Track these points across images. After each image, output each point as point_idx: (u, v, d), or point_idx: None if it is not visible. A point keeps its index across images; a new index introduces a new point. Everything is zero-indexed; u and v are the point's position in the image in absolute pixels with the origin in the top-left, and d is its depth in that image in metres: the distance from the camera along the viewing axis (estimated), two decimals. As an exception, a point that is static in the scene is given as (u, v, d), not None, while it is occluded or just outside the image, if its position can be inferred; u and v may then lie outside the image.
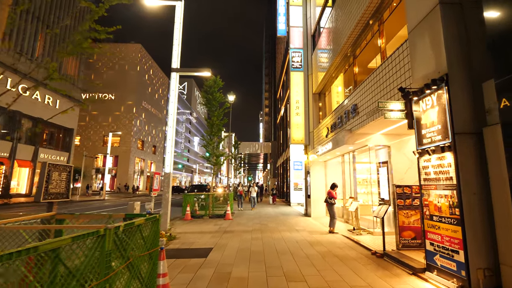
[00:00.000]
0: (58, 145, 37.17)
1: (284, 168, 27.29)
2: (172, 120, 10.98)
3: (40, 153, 33.26)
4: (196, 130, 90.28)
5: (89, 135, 50.93)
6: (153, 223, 3.74)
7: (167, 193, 10.52)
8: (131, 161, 49.99)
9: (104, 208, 19.64)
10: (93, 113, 51.39)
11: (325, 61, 12.77)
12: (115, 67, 51.96)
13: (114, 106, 50.62)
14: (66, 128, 37.83)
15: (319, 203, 13.67)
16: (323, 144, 11.70)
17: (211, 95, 15.33)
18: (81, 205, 22.66)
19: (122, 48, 52.23)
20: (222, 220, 13.09)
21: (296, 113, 14.77)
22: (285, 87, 26.53)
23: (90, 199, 31.99)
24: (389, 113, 5.70)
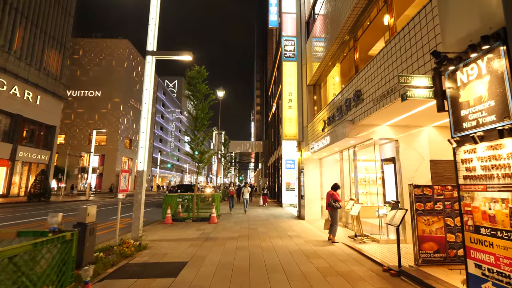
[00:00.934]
0: (39, 143, 34.95)
1: (276, 167, 25.91)
2: (147, 111, 9.45)
3: (19, 151, 31.09)
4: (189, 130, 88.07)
5: (74, 133, 48.69)
6: (62, 247, 2.24)
7: (140, 194, 8.99)
8: (118, 160, 47.93)
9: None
10: (78, 111, 49.16)
11: (321, 49, 11.41)
12: (101, 63, 49.79)
13: (100, 103, 48.49)
14: (48, 125, 35.65)
15: (313, 205, 12.31)
16: (319, 139, 10.33)
17: (194, 87, 13.81)
18: (56, 207, 20.79)
19: (109, 43, 50.13)
20: (206, 224, 11.60)
21: (288, 107, 13.38)
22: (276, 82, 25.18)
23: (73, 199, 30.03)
24: (413, 91, 4.33)
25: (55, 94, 36.41)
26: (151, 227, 11.21)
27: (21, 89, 31.01)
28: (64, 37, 38.18)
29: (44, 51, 34.66)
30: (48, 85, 35.36)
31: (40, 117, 34.13)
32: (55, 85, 36.54)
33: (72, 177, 45.41)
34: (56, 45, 36.79)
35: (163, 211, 12.51)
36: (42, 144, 35.27)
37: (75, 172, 38.69)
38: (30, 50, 32.57)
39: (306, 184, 12.36)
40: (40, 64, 34.02)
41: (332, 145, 9.07)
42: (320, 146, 10.13)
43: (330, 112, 9.90)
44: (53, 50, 36.19)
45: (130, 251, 6.90)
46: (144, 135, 9.30)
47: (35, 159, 33.56)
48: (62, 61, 37.86)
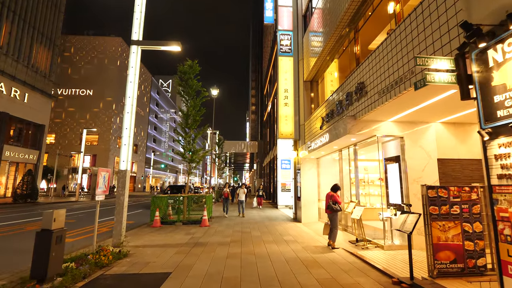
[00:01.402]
0: (27, 142, 33.72)
1: (271, 167, 25.26)
2: (131, 105, 8.71)
3: (5, 151, 29.87)
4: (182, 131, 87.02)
5: (65, 133, 47.49)
6: None
7: (122, 196, 8.23)
8: (110, 161, 46.82)
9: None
10: (69, 110, 47.94)
11: (318, 43, 10.78)
12: (93, 61, 48.65)
13: (92, 102, 47.36)
14: (36, 124, 34.47)
15: (310, 207, 11.66)
16: (317, 137, 9.68)
17: (186, 82, 13.09)
18: (41, 209, 19.80)
19: (101, 41, 49.02)
20: (197, 227, 10.88)
21: (284, 104, 12.72)
22: (272, 81, 24.54)
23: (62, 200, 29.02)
24: (433, 75, 3.68)
25: (44, 92, 35.27)
26: (137, 230, 10.44)
27: (8, 86, 29.84)
28: (54, 33, 37.02)
29: (33, 47, 33.49)
30: (37, 82, 34.22)
31: (28, 115, 32.99)
32: (44, 83, 35.40)
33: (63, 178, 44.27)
34: (45, 41, 35.65)
35: (151, 214, 11.76)
36: (30, 143, 34.07)
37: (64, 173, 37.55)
38: (18, 45, 31.38)
39: (302, 185, 11.71)
40: (28, 61, 32.83)
41: (332, 143, 8.42)
42: (318, 145, 9.48)
43: (328, 108, 9.26)
44: (42, 46, 35.04)
45: (108, 260, 6.15)
46: (127, 132, 8.55)
47: (23, 159, 32.36)
48: (52, 58, 36.70)
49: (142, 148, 59.20)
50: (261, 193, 19.00)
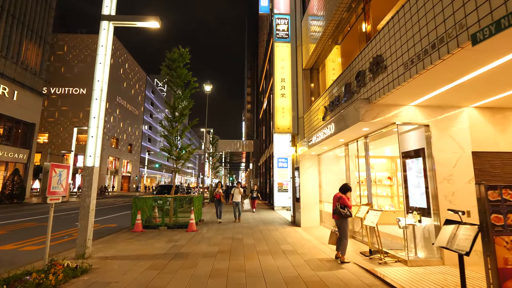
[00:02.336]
0: (16, 141, 31.97)
1: (267, 166, 23.79)
2: (100, 90, 7.20)
3: (-6, 149, 28.21)
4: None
5: (58, 132, 45.66)
6: None
7: (88, 198, 6.71)
8: (104, 160, 45.05)
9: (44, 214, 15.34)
10: (62, 108, 46.15)
11: (319, 28, 9.34)
12: (86, 59, 46.90)
13: (85, 101, 45.56)
14: (26, 123, 32.74)
15: (311, 209, 10.19)
16: (319, 130, 8.22)
17: (174, 71, 11.59)
18: (26, 209, 18.03)
19: (94, 39, 47.24)
20: (183, 233, 9.38)
21: (281, 95, 11.25)
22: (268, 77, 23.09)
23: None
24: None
25: (34, 90, 33.52)
26: (114, 236, 8.92)
27: (-5, 83, 28.17)
28: (44, 30, 35.30)
29: (22, 44, 31.78)
30: (26, 80, 32.46)
31: (18, 113, 31.25)
32: (34, 81, 33.66)
33: (55, 178, 42.36)
34: (36, 38, 33.91)
35: (132, 217, 10.22)
36: (20, 142, 32.33)
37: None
38: (6, 42, 29.69)
39: (302, 185, 10.24)
40: (18, 58, 31.10)
41: (338, 135, 6.96)
42: (320, 138, 8.02)
43: (333, 95, 7.80)
44: (31, 43, 33.31)
45: (56, 280, 4.65)
46: (95, 122, 7.04)
47: (12, 158, 30.62)
48: (42, 55, 34.93)
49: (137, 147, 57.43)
50: (256, 194, 16.26)
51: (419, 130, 5.73)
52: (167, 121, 11.52)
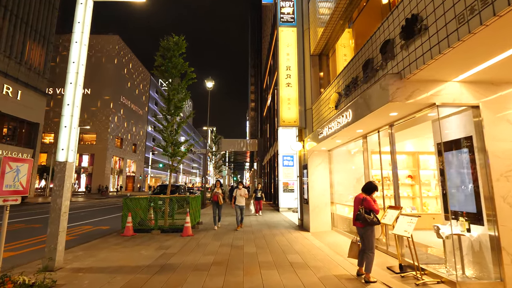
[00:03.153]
0: (20, 141, 31.22)
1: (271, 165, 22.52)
2: (75, 73, 6.03)
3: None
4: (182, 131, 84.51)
5: (63, 132, 44.80)
6: None
7: (59, 198, 5.52)
8: (108, 160, 44.20)
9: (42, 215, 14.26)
10: (67, 109, 45.34)
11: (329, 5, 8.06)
12: (91, 59, 46.13)
13: (90, 101, 44.87)
14: (30, 123, 31.95)
15: (321, 212, 8.89)
16: (332, 119, 6.93)
17: (169, 60, 10.40)
18: (24, 209, 16.95)
19: (98, 40, 46.53)
20: (177, 238, 8.17)
21: (286, 84, 9.98)
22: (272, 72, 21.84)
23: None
24: None
25: (38, 90, 32.75)
26: (100, 241, 7.75)
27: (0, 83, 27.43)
28: (48, 30, 34.56)
29: (26, 44, 31.07)
30: (30, 80, 31.70)
31: (21, 113, 30.49)
32: (38, 80, 32.90)
33: (60, 178, 41.61)
34: (39, 38, 33.18)
35: (122, 220, 9.03)
36: (24, 142, 31.56)
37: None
38: (10, 42, 28.98)
39: (311, 185, 8.96)
40: (21, 57, 30.37)
41: (356, 124, 5.67)
42: (334, 129, 6.73)
43: (349, 77, 6.50)
44: (35, 43, 32.58)
45: (-5, 307, 3.47)
46: (69, 110, 5.86)
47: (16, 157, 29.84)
48: (46, 55, 34.20)
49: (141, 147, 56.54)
50: (260, 194, 13.99)
51: (465, 113, 4.42)
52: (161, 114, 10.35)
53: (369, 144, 6.82)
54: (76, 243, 7.74)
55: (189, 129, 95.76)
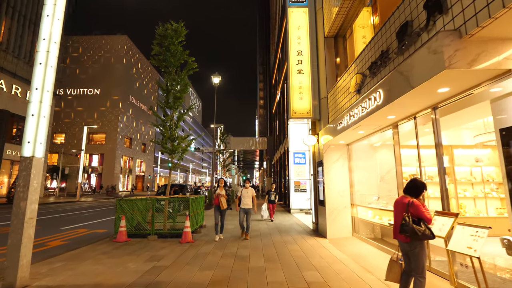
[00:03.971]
0: (29, 141, 30.96)
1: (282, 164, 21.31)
2: (45, 51, 5.02)
3: (7, 149, 27.23)
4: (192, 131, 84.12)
5: (74, 132, 44.83)
6: None
7: (23, 201, 4.52)
8: (117, 160, 43.85)
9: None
10: (78, 109, 45.39)
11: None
12: (100, 60, 45.99)
13: (99, 101, 44.63)
14: (38, 123, 31.57)
15: (339, 215, 7.65)
16: (355, 105, 5.70)
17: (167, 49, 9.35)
18: None
19: (107, 40, 46.30)
20: (175, 244, 7.11)
21: (297, 71, 8.78)
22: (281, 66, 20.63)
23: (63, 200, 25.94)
24: None
25: (47, 90, 32.48)
26: (87, 249, 6.78)
27: (8, 83, 27.22)
28: (56, 30, 34.26)
29: (34, 44, 30.80)
30: (39, 79, 31.49)
31: (30, 113, 30.16)
32: (46, 80, 32.66)
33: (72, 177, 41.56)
34: (47, 38, 32.89)
35: (115, 223, 8.02)
36: (33, 142, 31.36)
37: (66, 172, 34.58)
38: (18, 42, 28.76)
39: (327, 184, 7.73)
40: (30, 57, 30.12)
41: (390, 107, 4.43)
42: (357, 117, 5.50)
43: (375, 52, 5.26)
44: (43, 43, 32.28)
45: None
46: (38, 94, 4.85)
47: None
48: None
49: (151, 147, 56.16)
50: (274, 197, 11.61)
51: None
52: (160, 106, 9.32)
53: (402, 135, 5.56)
54: (64, 249, 6.83)
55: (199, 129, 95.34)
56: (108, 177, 42.72)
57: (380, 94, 4.56)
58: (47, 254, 6.37)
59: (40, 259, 5.87)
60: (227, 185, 11.08)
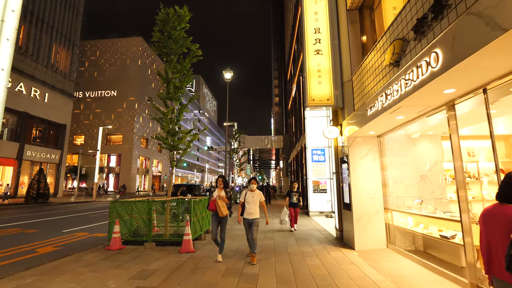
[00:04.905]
0: (49, 142, 31.34)
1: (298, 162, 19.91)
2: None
3: (27, 151, 27.53)
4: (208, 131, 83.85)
5: (93, 134, 45.28)
6: None
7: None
8: (134, 160, 43.88)
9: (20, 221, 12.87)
10: (96, 111, 45.92)
11: None
12: (116, 62, 46.38)
13: (116, 102, 44.96)
14: (58, 124, 32.01)
15: (370, 221, 6.24)
16: (395, 79, 4.32)
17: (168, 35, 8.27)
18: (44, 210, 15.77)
19: (123, 42, 46.60)
20: (172, 255, 5.99)
21: (315, 51, 7.43)
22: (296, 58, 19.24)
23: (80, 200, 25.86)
24: None
25: (64, 92, 32.76)
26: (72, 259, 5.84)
27: (27, 86, 27.48)
28: (73, 33, 34.60)
29: (52, 47, 31.09)
30: (57, 82, 31.74)
31: (49, 115, 30.55)
32: (64, 83, 32.92)
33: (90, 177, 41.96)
34: (65, 42, 33.21)
35: (109, 229, 6.99)
36: (52, 143, 31.66)
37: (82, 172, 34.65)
38: (37, 46, 29.03)
39: (353, 184, 6.34)
40: (48, 61, 30.42)
41: (452, 72, 3.05)
42: (399, 94, 4.11)
43: (423, 4, 3.85)
44: (61, 46, 32.61)
45: None
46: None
47: (45, 158, 29.98)
48: (72, 58, 34.18)
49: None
50: (296, 199, 9.07)
51: None
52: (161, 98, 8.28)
53: (460, 118, 4.11)
54: (51, 257, 5.99)
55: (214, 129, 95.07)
56: (126, 177, 42.82)
57: (437, 56, 3.18)
58: (28, 265, 5.49)
59: (15, 272, 4.94)
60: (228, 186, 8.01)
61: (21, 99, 26.97)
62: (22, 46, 27.68)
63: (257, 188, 5.73)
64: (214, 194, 5.72)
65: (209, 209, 5.73)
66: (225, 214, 5.60)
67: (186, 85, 8.25)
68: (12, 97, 25.27)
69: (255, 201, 5.53)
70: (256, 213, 5.48)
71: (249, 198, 5.56)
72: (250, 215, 5.47)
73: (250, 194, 5.59)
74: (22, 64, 27.44)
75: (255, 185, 5.70)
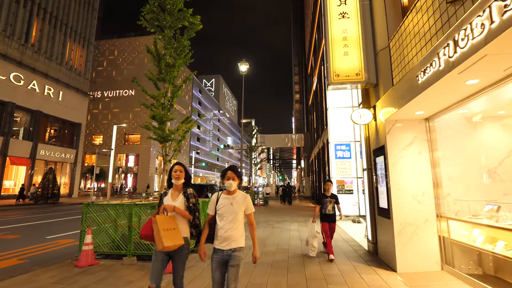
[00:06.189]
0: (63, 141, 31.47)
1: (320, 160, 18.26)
2: None
3: (40, 150, 27.69)
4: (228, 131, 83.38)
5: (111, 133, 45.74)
6: None
7: None
8: (152, 160, 43.92)
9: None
10: (114, 111, 46.49)
11: None
12: (134, 61, 46.80)
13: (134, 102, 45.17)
14: (72, 123, 32.12)
15: (417, 233, 4.65)
16: (469, 18, 2.81)
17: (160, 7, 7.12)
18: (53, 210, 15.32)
19: (141, 41, 46.97)
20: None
21: (340, 15, 5.95)
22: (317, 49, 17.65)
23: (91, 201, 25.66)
24: None
25: (79, 90, 32.87)
26: (26, 278, 4.71)
27: (41, 84, 27.56)
28: (88, 31, 34.74)
29: (66, 45, 31.21)
30: (71, 80, 31.83)
31: (63, 114, 30.57)
32: (79, 81, 33.03)
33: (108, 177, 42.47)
34: (79, 39, 33.36)
35: (80, 239, 5.81)
36: (67, 142, 31.81)
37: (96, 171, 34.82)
38: (50, 43, 29.16)
39: (394, 183, 4.79)
40: (62, 58, 30.53)
41: None
42: (477, 39, 2.61)
43: None
44: (75, 44, 32.75)
45: None
46: None
47: (59, 158, 30.07)
48: (86, 56, 34.35)
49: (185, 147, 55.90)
50: (332, 208, 5.89)
51: None
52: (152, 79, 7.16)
53: None
54: (7, 274, 4.86)
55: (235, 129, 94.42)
56: (144, 177, 42.90)
57: None
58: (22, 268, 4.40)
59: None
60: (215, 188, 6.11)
61: (35, 97, 26.95)
62: (35, 44, 27.79)
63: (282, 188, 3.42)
64: (165, 200, 3.02)
65: (141, 234, 2.94)
66: (178, 244, 2.77)
67: (182, 63, 7.02)
68: (24, 96, 25.45)
69: (235, 214, 2.76)
70: (238, 239, 2.75)
71: (225, 207, 2.77)
72: (225, 243, 2.72)
73: (226, 200, 2.80)
74: (35, 62, 27.53)
75: (235, 182, 2.81)
